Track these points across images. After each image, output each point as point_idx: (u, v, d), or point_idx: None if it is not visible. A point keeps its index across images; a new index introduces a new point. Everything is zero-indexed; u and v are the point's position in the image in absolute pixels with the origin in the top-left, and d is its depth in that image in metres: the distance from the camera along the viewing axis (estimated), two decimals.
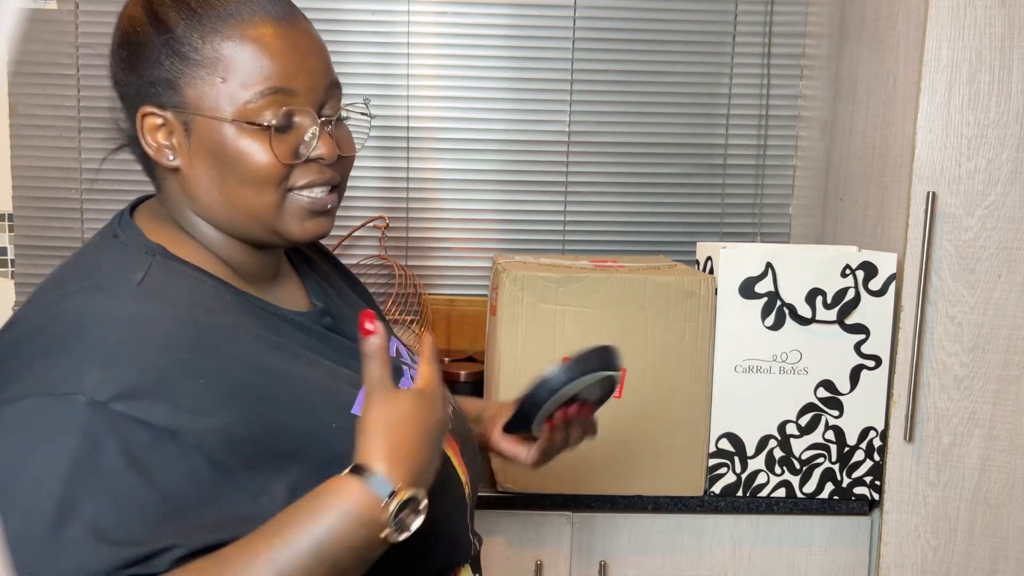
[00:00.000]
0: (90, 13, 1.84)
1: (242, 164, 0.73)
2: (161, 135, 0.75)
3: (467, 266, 1.97)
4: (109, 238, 0.76)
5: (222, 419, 0.65)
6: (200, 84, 0.73)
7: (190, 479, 0.63)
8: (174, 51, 0.73)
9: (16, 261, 1.90)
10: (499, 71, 1.92)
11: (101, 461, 0.60)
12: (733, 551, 1.48)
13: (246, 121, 0.72)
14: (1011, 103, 1.36)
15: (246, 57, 0.72)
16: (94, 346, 0.63)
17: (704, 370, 1.41)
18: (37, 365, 0.63)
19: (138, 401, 0.62)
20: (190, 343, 0.66)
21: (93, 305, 0.66)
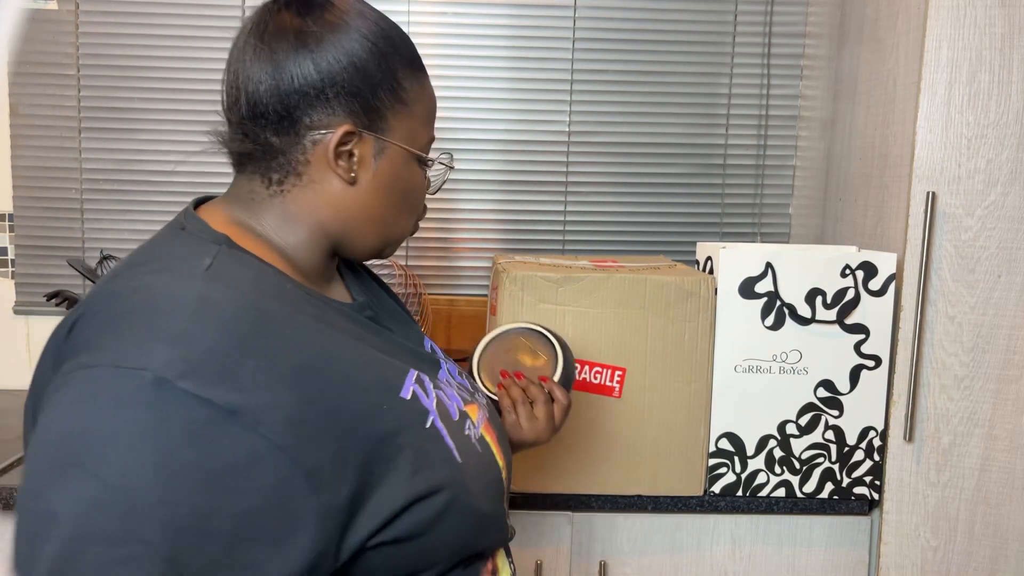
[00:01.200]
0: (90, 13, 1.84)
1: (411, 192, 0.87)
2: (345, 150, 0.81)
3: (467, 266, 1.97)
4: (177, 230, 0.80)
5: (281, 399, 0.67)
6: (402, 117, 0.84)
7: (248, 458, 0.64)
8: (390, 86, 0.82)
9: (16, 261, 1.90)
10: (499, 71, 1.92)
11: (163, 436, 0.62)
12: (733, 551, 1.48)
13: (429, 158, 0.87)
14: (1011, 103, 1.36)
15: (428, 105, 0.87)
16: (162, 324, 0.66)
17: (704, 370, 1.41)
18: (107, 338, 0.66)
19: (202, 380, 0.64)
20: (252, 326, 0.69)
21: (162, 285, 0.70)
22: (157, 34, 1.85)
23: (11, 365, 1.91)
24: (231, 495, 0.63)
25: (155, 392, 0.62)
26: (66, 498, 0.60)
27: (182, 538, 0.61)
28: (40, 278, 1.90)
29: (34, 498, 0.62)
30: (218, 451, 0.63)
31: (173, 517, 0.61)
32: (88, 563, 0.59)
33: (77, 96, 1.86)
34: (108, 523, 0.60)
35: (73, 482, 0.61)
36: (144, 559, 0.60)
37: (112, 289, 0.71)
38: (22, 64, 1.85)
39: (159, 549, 0.60)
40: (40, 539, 0.60)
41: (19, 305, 1.90)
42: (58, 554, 0.59)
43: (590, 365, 1.39)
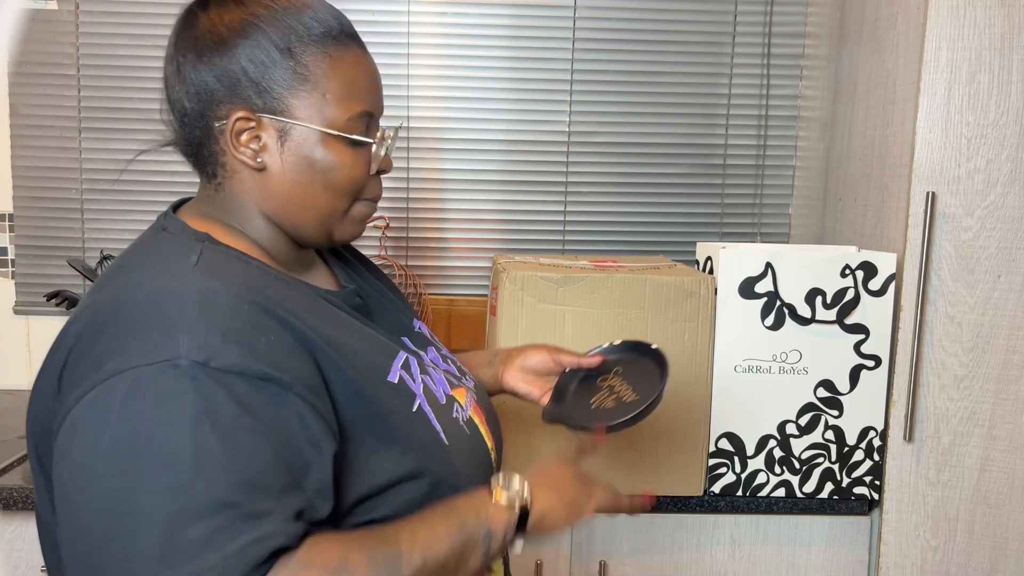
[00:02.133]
0: (90, 13, 1.84)
1: (332, 173, 0.82)
2: (247, 137, 0.81)
3: (467, 266, 1.97)
4: (159, 231, 0.83)
5: (297, 368, 0.72)
6: (304, 96, 0.81)
7: (287, 417, 0.70)
8: (286, 66, 0.81)
9: (16, 261, 1.90)
10: (499, 71, 1.92)
11: (217, 410, 0.66)
12: (733, 551, 1.48)
13: (348, 134, 0.82)
14: (1011, 103, 1.36)
15: (348, 80, 0.82)
16: (174, 318, 0.69)
17: (704, 370, 1.41)
18: (126, 342, 0.68)
19: (230, 359, 0.68)
20: (252, 309, 0.73)
21: (161, 284, 0.73)
22: (157, 34, 1.85)
23: (11, 365, 1.91)
24: (288, 448, 0.69)
25: (195, 375, 0.66)
26: (149, 491, 0.64)
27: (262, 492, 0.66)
28: (40, 278, 1.90)
29: (104, 503, 0.65)
30: (264, 414, 0.68)
31: (246, 478, 0.65)
32: (191, 540, 0.63)
33: (77, 96, 1.86)
34: (195, 502, 0.63)
35: (149, 476, 0.64)
36: (237, 520, 0.64)
37: (110, 297, 0.73)
38: (22, 64, 1.85)
39: (244, 508, 0.64)
40: (130, 536, 0.63)
41: (19, 305, 1.90)
42: (162, 540, 0.62)
43: None
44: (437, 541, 0.73)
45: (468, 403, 0.92)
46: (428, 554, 0.72)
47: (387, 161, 0.88)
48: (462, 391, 0.92)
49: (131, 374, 0.66)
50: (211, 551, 0.62)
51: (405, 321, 0.98)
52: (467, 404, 0.91)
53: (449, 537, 0.74)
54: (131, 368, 0.67)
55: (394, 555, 0.70)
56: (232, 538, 0.63)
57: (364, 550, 0.69)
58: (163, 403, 0.66)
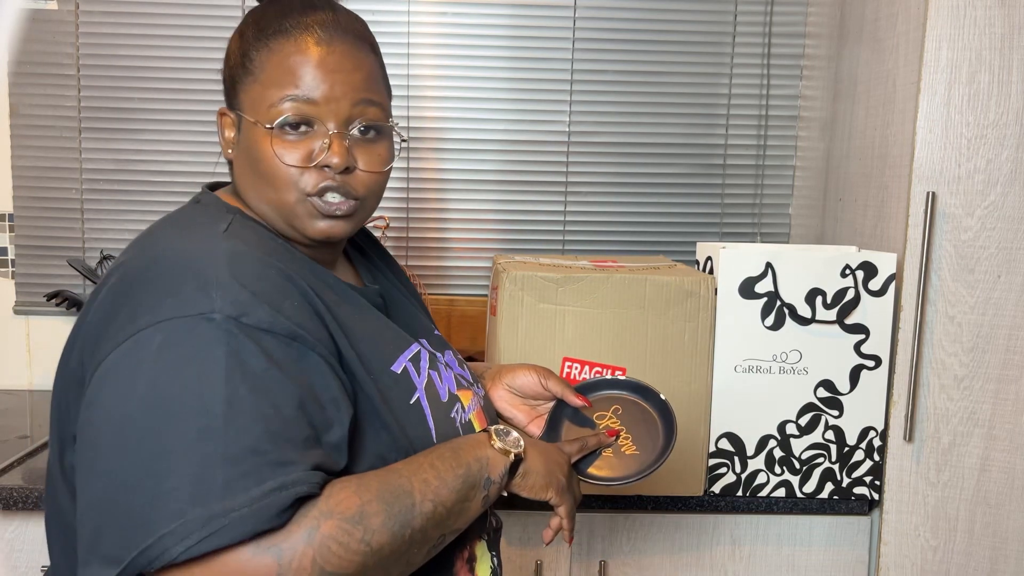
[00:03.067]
0: (90, 13, 1.84)
1: (263, 163, 0.82)
2: (230, 135, 0.87)
3: (467, 266, 1.97)
4: (192, 204, 0.87)
5: (317, 330, 0.76)
6: (247, 88, 0.83)
7: (316, 372, 0.74)
8: (239, 61, 0.84)
9: (16, 261, 1.90)
10: (499, 71, 1.92)
11: (247, 362, 0.69)
12: (733, 551, 1.48)
13: (266, 123, 0.81)
14: (1011, 103, 1.36)
15: (279, 66, 0.82)
16: (205, 275, 0.72)
17: (704, 370, 1.41)
18: (159, 295, 0.71)
19: (258, 315, 0.71)
20: (277, 274, 0.76)
21: (191, 245, 0.76)
22: (157, 34, 1.85)
23: (11, 365, 1.91)
24: (312, 401, 0.72)
25: (227, 329, 0.69)
26: (181, 436, 0.66)
27: (288, 441, 0.68)
28: (40, 278, 1.90)
29: (137, 445, 0.67)
30: (292, 369, 0.71)
31: (273, 427, 0.68)
32: (221, 483, 0.65)
33: (77, 96, 1.86)
34: (226, 447, 0.66)
35: (182, 422, 0.67)
36: (264, 466, 0.66)
37: (142, 256, 0.76)
38: (22, 64, 1.85)
39: (271, 456, 0.67)
40: (157, 476, 0.66)
41: (19, 305, 1.90)
42: (192, 480, 0.65)
43: (590, 365, 1.39)
44: (445, 488, 0.77)
45: (471, 407, 0.92)
46: (438, 500, 0.76)
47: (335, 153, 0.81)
48: (469, 394, 0.93)
49: (166, 325, 0.69)
50: (239, 493, 0.65)
51: (426, 324, 0.99)
52: (470, 407, 0.91)
53: (456, 482, 0.78)
54: (166, 320, 0.70)
55: (408, 505, 0.74)
56: (259, 483, 0.66)
57: (380, 501, 0.72)
58: (197, 353, 0.68)
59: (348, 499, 0.70)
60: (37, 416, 1.68)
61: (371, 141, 0.85)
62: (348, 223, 0.85)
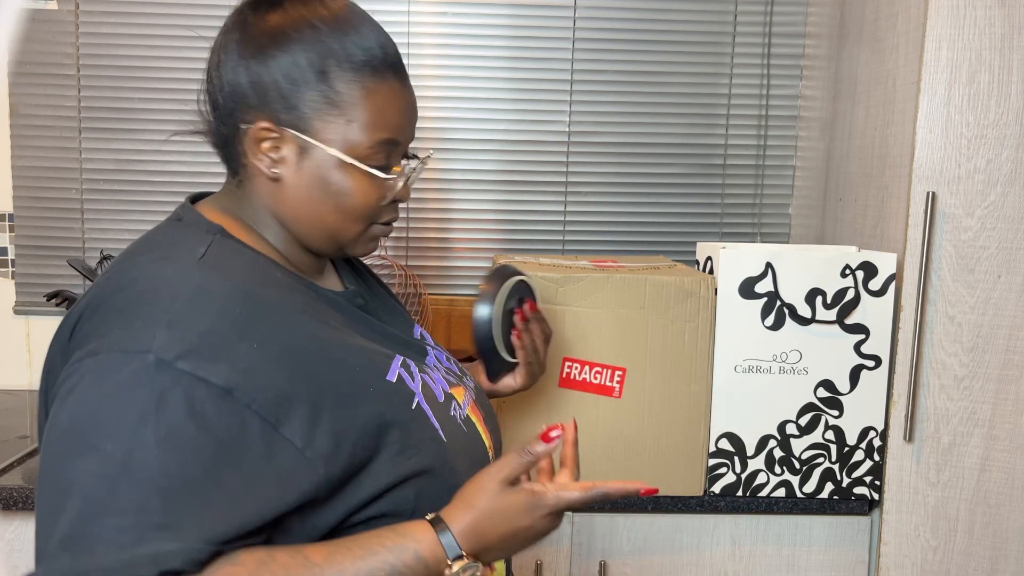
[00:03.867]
0: (90, 13, 1.84)
1: (345, 197, 0.83)
2: (267, 146, 0.82)
3: (467, 266, 1.97)
4: (174, 221, 0.84)
5: (272, 379, 0.72)
6: (328, 119, 0.81)
7: (242, 432, 0.69)
8: (318, 88, 0.81)
9: (16, 261, 1.90)
10: (499, 71, 1.92)
11: (165, 412, 0.66)
12: (733, 551, 1.48)
13: (362, 163, 0.82)
14: (1011, 103, 1.36)
15: (377, 109, 0.82)
16: (161, 310, 0.70)
17: (704, 370, 1.41)
18: (112, 325, 0.71)
19: (199, 360, 0.68)
20: (244, 310, 0.73)
21: (160, 274, 0.74)
22: (157, 34, 1.85)
23: (11, 365, 1.91)
24: (228, 466, 0.68)
25: (156, 372, 0.67)
26: (79, 473, 0.65)
27: (181, 505, 0.65)
28: (40, 278, 1.90)
29: (52, 475, 0.67)
30: (214, 426, 0.68)
31: (171, 485, 0.65)
32: (96, 532, 0.63)
33: (77, 96, 1.86)
34: (114, 495, 0.64)
35: (85, 459, 0.65)
36: (145, 526, 0.64)
37: (114, 280, 0.75)
38: (22, 64, 1.85)
39: (156, 516, 0.64)
40: (57, 511, 0.65)
41: (19, 305, 1.90)
42: (72, 522, 0.63)
43: (590, 365, 1.39)
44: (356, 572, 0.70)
45: (466, 402, 0.92)
46: None
47: (405, 191, 0.88)
48: (460, 390, 0.93)
49: (103, 358, 0.69)
50: (112, 550, 0.63)
51: (405, 326, 0.99)
52: (465, 403, 0.92)
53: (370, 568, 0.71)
54: (104, 352, 0.69)
55: None
56: (134, 544, 0.63)
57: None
58: (120, 393, 0.67)
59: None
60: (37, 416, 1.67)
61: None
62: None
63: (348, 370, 0.78)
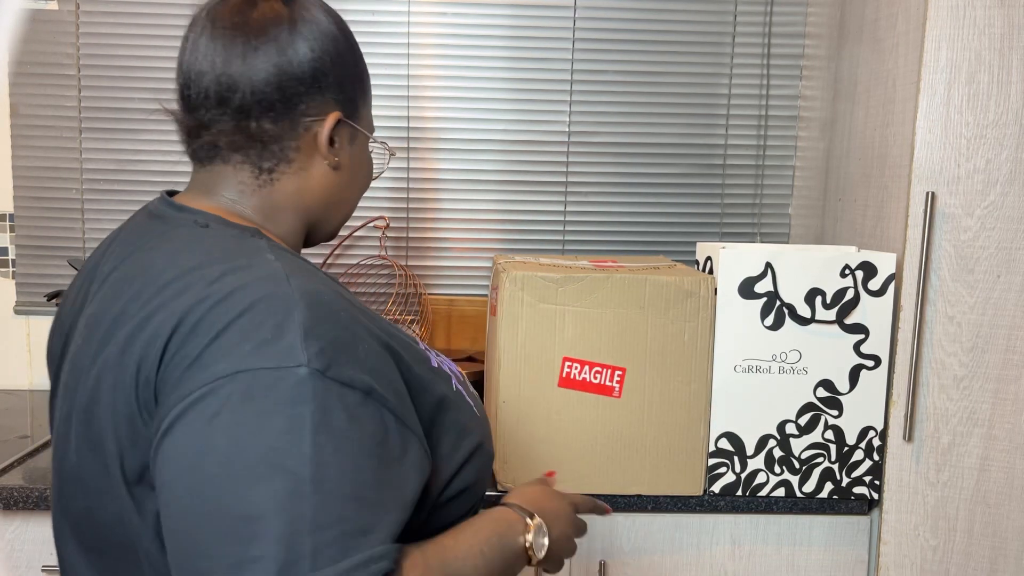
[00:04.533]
0: (91, 13, 1.84)
1: (368, 174, 0.93)
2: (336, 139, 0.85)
3: (467, 266, 1.97)
4: (200, 228, 0.78)
5: (388, 376, 0.73)
6: (364, 108, 0.89)
7: (385, 430, 0.71)
8: (361, 79, 0.88)
9: (16, 261, 1.90)
10: (499, 71, 1.92)
11: (331, 422, 0.66)
12: (732, 550, 1.48)
13: (379, 143, 0.94)
14: (1010, 103, 1.36)
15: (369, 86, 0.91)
16: (291, 321, 0.67)
17: (704, 370, 1.41)
18: (235, 342, 0.66)
19: (340, 367, 0.68)
20: (345, 312, 0.72)
21: (254, 283, 0.70)
22: (157, 34, 1.85)
23: (11, 365, 1.91)
24: (387, 464, 0.69)
25: (313, 384, 0.66)
26: (264, 498, 0.62)
27: (371, 507, 0.66)
28: (40, 278, 1.90)
29: (226, 504, 0.63)
30: (369, 428, 0.69)
31: (356, 489, 0.66)
32: (305, 550, 0.62)
33: (77, 96, 1.87)
34: (312, 510, 0.63)
35: (266, 482, 0.63)
36: (349, 534, 0.63)
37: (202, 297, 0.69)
38: (22, 64, 1.85)
39: (355, 523, 0.64)
40: (241, 541, 0.61)
41: (19, 305, 1.90)
42: (278, 547, 0.61)
43: (590, 365, 1.39)
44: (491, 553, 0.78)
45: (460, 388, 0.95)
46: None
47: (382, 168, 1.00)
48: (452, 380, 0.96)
49: (247, 376, 0.65)
50: (326, 564, 0.62)
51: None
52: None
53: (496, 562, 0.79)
54: (247, 370, 0.65)
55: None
56: (345, 553, 0.63)
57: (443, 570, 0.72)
58: (283, 408, 0.64)
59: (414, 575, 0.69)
60: (37, 416, 1.68)
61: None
62: None
63: (416, 360, 0.81)
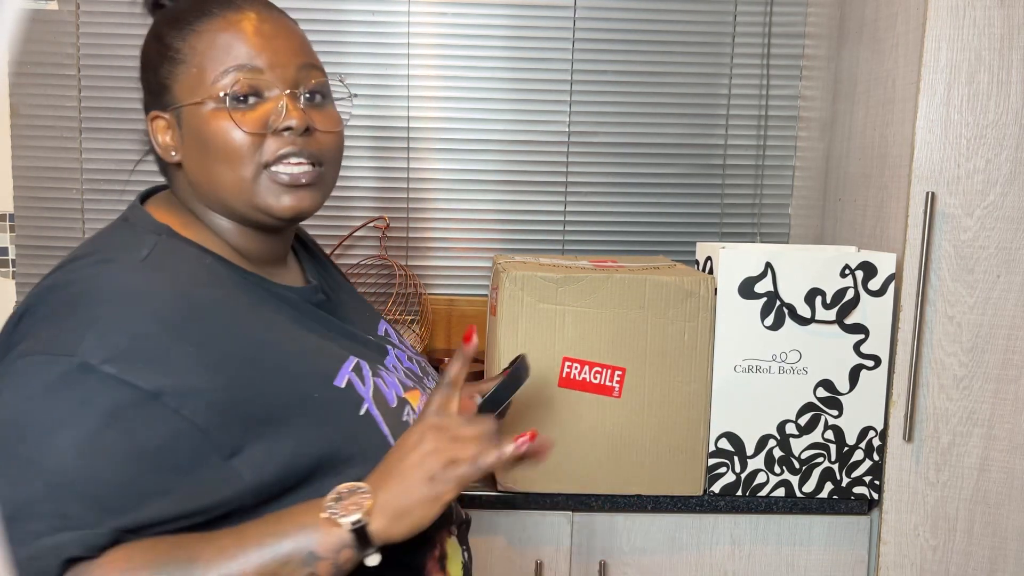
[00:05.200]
0: (90, 13, 1.84)
1: (216, 141, 0.79)
2: (168, 136, 0.82)
3: (467, 266, 1.97)
4: (121, 222, 0.83)
5: (206, 384, 0.70)
6: (182, 78, 0.80)
7: (168, 436, 0.69)
8: (164, 56, 0.82)
9: (17, 261, 1.90)
10: (499, 71, 1.92)
11: (85, 417, 0.67)
12: (732, 550, 1.48)
13: (212, 97, 0.79)
14: (1010, 103, 1.36)
15: (213, 44, 0.80)
16: (92, 312, 0.70)
17: (704, 370, 1.41)
18: (43, 326, 0.71)
19: (127, 364, 0.68)
20: (182, 313, 0.72)
21: (97, 276, 0.73)
22: None
23: None
24: (145, 468, 0.68)
25: (80, 376, 0.67)
26: (4, 481, 0.65)
27: (88, 500, 0.65)
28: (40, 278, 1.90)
29: None
30: (141, 431, 0.68)
31: (84, 489, 0.65)
32: (24, 539, 0.64)
33: (77, 96, 1.87)
34: (40, 503, 0.64)
35: (8, 466, 0.66)
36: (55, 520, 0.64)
37: (53, 282, 0.75)
38: (22, 64, 1.85)
39: (69, 511, 0.65)
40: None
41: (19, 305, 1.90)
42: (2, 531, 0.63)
43: (590, 365, 1.39)
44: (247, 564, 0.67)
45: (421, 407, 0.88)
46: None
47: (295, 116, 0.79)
48: (416, 393, 0.90)
49: (30, 360, 0.69)
50: (22, 548, 0.63)
51: (369, 323, 0.97)
52: (420, 407, 0.89)
53: (259, 559, 0.67)
54: (32, 354, 0.69)
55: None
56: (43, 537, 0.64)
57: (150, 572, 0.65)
58: (42, 397, 0.67)
59: (113, 563, 0.65)
60: None
61: (320, 105, 0.84)
62: (314, 193, 0.83)
63: (290, 379, 0.76)
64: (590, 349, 1.39)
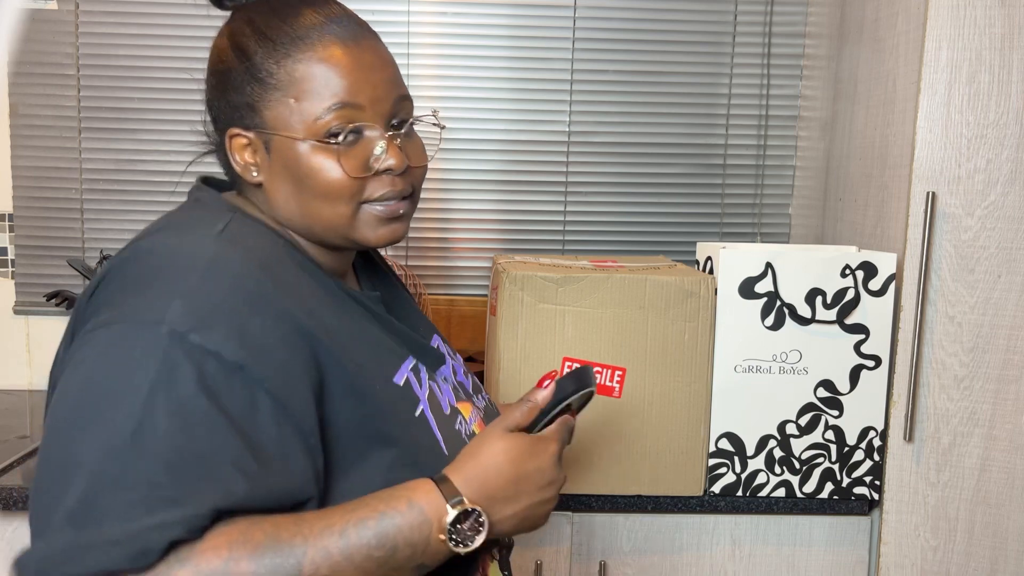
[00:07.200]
0: (90, 13, 1.84)
1: (315, 180, 0.79)
2: (247, 154, 0.81)
3: (467, 266, 1.97)
4: (192, 202, 0.84)
5: (283, 357, 0.71)
6: (276, 106, 0.78)
7: (252, 408, 0.68)
8: (253, 77, 0.79)
9: (16, 261, 1.90)
10: (499, 71, 1.92)
11: (176, 385, 0.66)
12: (733, 551, 1.48)
13: (316, 139, 0.78)
14: (1011, 103, 1.36)
15: (314, 76, 0.77)
16: (176, 281, 0.70)
17: (704, 370, 1.41)
18: (127, 295, 0.70)
19: (211, 333, 0.68)
20: (259, 285, 0.72)
21: (177, 245, 0.73)
22: (157, 34, 1.85)
23: (11, 365, 1.91)
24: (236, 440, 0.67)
25: (169, 344, 0.66)
26: (88, 447, 0.64)
27: (189, 478, 0.64)
28: (40, 278, 1.90)
29: (57, 448, 0.65)
30: (225, 400, 0.67)
31: (180, 459, 0.64)
32: (105, 506, 0.62)
33: (77, 96, 1.86)
34: (124, 470, 0.63)
35: (94, 433, 0.64)
36: (154, 500, 0.63)
37: (131, 252, 0.74)
38: (22, 64, 1.85)
39: (165, 490, 0.63)
40: (62, 485, 0.63)
41: (19, 305, 1.90)
42: (79, 498, 0.62)
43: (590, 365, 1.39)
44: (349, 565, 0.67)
45: (473, 419, 0.90)
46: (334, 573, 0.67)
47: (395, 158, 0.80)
48: (468, 405, 0.91)
49: (116, 328, 0.68)
50: (117, 523, 0.62)
51: (425, 331, 0.97)
52: (472, 419, 0.89)
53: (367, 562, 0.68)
54: (117, 322, 0.68)
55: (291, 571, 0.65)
56: (143, 516, 0.62)
57: (254, 560, 0.64)
58: (131, 364, 0.66)
59: (215, 550, 0.64)
60: (37, 416, 1.68)
61: (410, 135, 0.85)
62: (405, 223, 0.86)
63: (356, 366, 0.76)
64: (590, 349, 1.38)
